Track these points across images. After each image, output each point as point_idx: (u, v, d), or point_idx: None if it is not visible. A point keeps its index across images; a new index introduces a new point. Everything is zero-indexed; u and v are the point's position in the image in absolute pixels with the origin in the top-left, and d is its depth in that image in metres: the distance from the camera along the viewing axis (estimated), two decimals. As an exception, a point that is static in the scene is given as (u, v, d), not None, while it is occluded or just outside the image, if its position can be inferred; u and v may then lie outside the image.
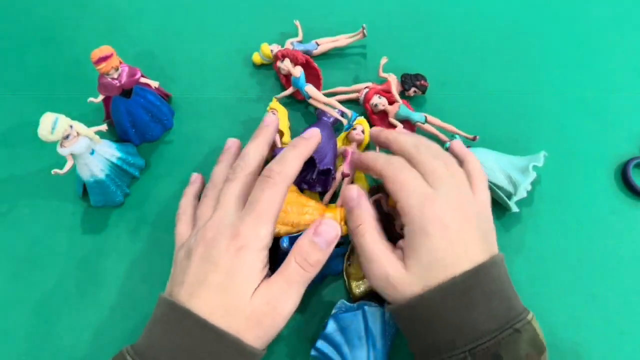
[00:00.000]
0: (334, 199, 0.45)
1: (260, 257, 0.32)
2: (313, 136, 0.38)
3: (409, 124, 0.49)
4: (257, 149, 0.38)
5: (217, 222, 0.33)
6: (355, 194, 0.36)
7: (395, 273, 0.33)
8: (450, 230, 0.32)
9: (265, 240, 0.32)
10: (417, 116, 0.48)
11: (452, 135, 0.48)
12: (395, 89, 0.49)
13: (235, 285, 0.31)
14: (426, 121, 0.48)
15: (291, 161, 0.35)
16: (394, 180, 0.35)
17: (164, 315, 0.31)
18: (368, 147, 0.49)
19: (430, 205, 0.33)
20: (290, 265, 0.32)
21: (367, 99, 0.50)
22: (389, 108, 0.49)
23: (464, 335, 0.31)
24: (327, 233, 0.33)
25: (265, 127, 0.40)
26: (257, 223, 0.32)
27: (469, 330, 0.31)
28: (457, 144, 0.43)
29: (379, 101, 0.49)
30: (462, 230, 0.33)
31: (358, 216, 0.36)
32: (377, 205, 0.45)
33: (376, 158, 0.38)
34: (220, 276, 0.31)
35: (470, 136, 0.48)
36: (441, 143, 0.46)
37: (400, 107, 0.48)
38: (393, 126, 0.48)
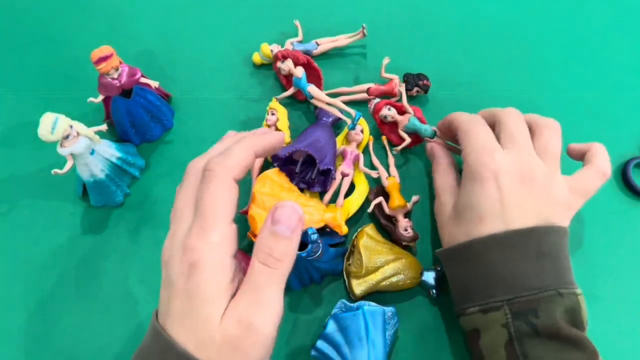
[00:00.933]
0: (334, 198, 0.45)
1: (221, 269, 0.26)
2: (268, 133, 0.34)
3: (417, 136, 0.48)
4: (241, 149, 0.30)
5: (171, 237, 0.28)
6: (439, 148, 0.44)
7: (447, 213, 0.38)
8: (502, 184, 0.34)
9: (222, 248, 0.27)
10: (426, 130, 0.46)
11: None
12: (404, 95, 0.47)
13: (196, 309, 0.25)
14: (435, 135, 0.46)
15: (235, 152, 0.29)
16: (466, 130, 0.39)
17: (150, 340, 0.28)
18: (367, 147, 0.49)
19: (489, 156, 0.35)
20: (253, 268, 0.26)
21: (376, 109, 0.48)
22: (399, 119, 0.47)
23: (506, 287, 0.32)
24: (286, 217, 0.26)
25: (259, 134, 0.33)
26: (204, 229, 0.26)
27: (512, 283, 0.32)
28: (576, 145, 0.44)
29: (389, 113, 0.47)
30: (516, 190, 0.34)
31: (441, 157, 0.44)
32: (379, 208, 0.45)
33: (460, 114, 0.41)
34: (180, 302, 0.26)
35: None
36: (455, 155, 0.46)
37: (410, 120, 0.46)
38: (403, 139, 0.47)
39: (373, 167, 0.48)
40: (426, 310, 0.42)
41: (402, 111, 0.47)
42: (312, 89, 0.47)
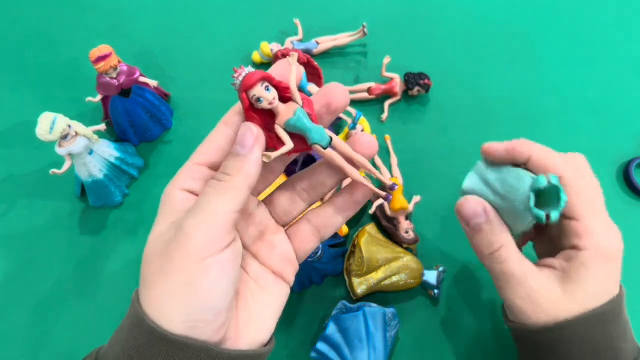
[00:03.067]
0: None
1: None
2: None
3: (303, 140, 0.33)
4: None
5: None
6: (481, 208, 0.30)
7: (547, 293, 0.30)
8: (619, 260, 0.33)
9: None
10: (321, 137, 0.27)
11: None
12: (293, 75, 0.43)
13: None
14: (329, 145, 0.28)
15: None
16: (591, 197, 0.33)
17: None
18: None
19: (617, 233, 0.33)
20: (207, 184, 0.25)
21: (245, 85, 0.35)
22: (280, 109, 0.27)
23: None
24: (242, 136, 0.25)
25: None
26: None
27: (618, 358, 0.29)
28: None
29: (265, 94, 0.37)
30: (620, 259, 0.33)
31: (494, 236, 0.30)
32: (381, 209, 0.45)
33: (556, 157, 0.33)
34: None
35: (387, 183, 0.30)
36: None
37: (296, 113, 0.26)
38: (280, 140, 0.28)
39: (375, 167, 0.47)
40: (427, 310, 0.42)
41: (286, 97, 0.26)
42: (311, 88, 0.47)
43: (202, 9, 0.60)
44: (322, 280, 0.43)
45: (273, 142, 0.26)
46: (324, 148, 0.26)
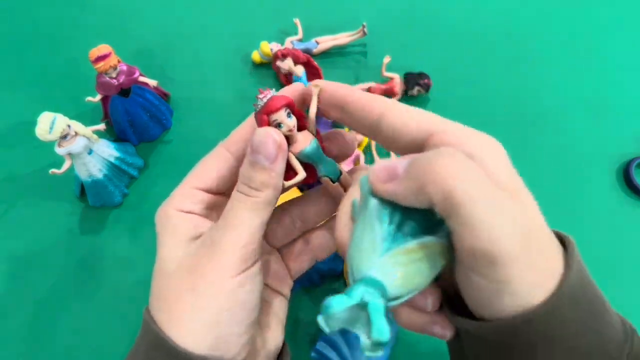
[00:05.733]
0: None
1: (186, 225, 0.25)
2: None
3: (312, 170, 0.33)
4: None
5: None
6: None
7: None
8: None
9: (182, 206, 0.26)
10: (328, 169, 0.27)
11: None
12: (313, 106, 0.46)
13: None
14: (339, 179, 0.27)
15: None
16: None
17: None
18: (368, 147, 0.49)
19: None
20: (231, 197, 0.24)
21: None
22: (297, 138, 0.26)
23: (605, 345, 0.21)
24: (263, 145, 0.23)
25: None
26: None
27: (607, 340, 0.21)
28: None
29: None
30: None
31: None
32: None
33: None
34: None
35: None
36: None
37: (311, 144, 0.26)
38: (294, 169, 0.27)
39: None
40: (427, 311, 0.42)
41: (300, 126, 0.25)
42: (312, 88, 0.47)
43: (202, 9, 0.60)
44: (321, 281, 0.43)
45: (292, 170, 0.25)
46: (333, 182, 0.25)
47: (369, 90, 0.51)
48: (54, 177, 0.41)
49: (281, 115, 0.24)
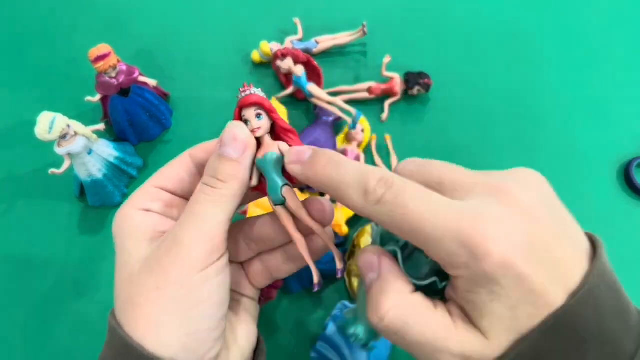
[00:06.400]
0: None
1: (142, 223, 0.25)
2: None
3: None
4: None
5: None
6: (376, 258, 0.23)
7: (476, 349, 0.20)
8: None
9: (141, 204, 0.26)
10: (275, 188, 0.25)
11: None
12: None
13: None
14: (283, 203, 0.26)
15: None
16: None
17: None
18: (369, 147, 0.49)
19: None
20: (196, 190, 0.24)
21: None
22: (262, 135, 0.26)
23: None
24: (232, 138, 0.23)
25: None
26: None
27: None
28: None
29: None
30: None
31: (382, 295, 0.21)
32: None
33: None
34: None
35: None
36: None
37: (266, 156, 0.25)
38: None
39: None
40: (427, 311, 0.42)
41: (280, 137, 0.25)
42: (312, 87, 0.47)
43: (202, 8, 0.60)
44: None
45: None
46: (275, 205, 0.24)
47: (369, 89, 0.51)
48: (54, 177, 0.41)
49: (249, 113, 0.24)
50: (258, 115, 0.24)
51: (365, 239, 0.42)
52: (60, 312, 0.42)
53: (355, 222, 0.46)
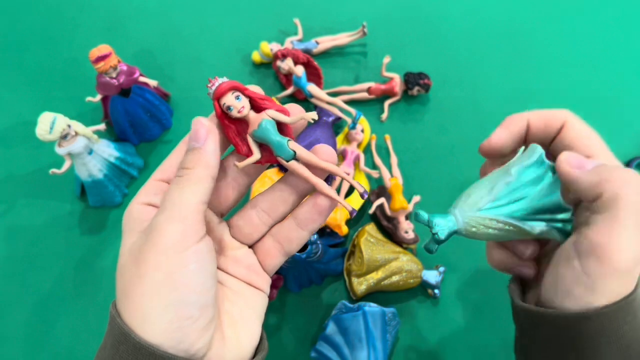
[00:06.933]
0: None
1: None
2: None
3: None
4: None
5: None
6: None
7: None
8: None
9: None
10: (281, 147, 0.26)
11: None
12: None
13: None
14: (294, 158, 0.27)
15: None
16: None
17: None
18: (369, 147, 0.49)
19: None
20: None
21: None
22: (251, 116, 0.27)
23: None
24: (194, 132, 0.26)
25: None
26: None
27: None
28: None
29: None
30: None
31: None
32: (381, 209, 0.45)
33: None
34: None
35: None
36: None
37: (261, 124, 0.26)
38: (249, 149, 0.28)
39: (375, 167, 0.47)
40: (427, 311, 0.42)
41: (261, 108, 0.26)
42: (312, 87, 0.47)
43: (202, 9, 0.60)
44: (322, 280, 0.43)
45: (249, 150, 0.26)
46: (287, 161, 0.25)
47: (368, 90, 0.51)
48: (54, 177, 0.41)
49: (229, 99, 0.25)
50: (237, 97, 0.25)
51: (365, 238, 0.42)
52: (61, 312, 0.42)
53: (355, 222, 0.46)
